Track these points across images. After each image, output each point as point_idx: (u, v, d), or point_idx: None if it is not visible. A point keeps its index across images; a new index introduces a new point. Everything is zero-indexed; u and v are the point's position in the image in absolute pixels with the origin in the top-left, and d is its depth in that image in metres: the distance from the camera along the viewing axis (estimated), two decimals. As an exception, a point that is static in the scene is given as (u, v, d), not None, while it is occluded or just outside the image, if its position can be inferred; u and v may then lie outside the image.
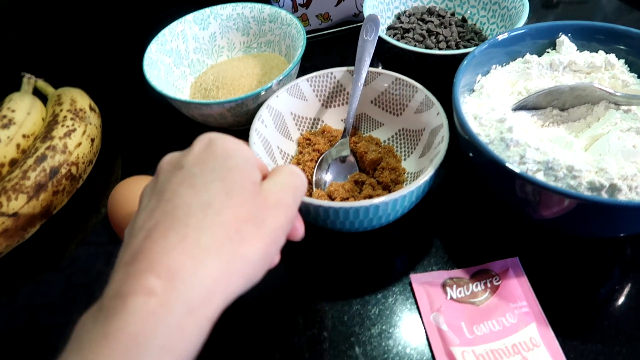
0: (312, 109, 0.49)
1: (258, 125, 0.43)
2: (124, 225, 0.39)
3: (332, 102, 0.50)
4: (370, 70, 0.47)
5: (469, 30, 0.56)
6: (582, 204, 0.33)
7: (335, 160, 0.46)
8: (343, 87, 0.49)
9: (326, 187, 0.44)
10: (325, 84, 0.48)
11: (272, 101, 0.45)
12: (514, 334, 0.36)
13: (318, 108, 0.49)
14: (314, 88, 0.48)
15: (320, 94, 0.49)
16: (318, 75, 0.47)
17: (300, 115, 0.48)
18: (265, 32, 0.56)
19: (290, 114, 0.47)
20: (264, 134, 0.44)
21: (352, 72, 0.48)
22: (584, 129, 0.42)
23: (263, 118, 0.44)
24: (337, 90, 0.49)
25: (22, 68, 0.54)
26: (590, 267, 0.40)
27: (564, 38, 0.44)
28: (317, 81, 0.48)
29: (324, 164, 0.45)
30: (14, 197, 0.41)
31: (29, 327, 0.40)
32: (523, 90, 0.43)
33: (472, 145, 0.37)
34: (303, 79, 0.47)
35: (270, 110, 0.45)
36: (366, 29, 0.48)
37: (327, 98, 0.49)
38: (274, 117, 0.45)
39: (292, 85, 0.46)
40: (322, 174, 0.45)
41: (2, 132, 0.45)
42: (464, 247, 0.42)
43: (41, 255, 0.45)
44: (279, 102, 0.46)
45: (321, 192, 0.43)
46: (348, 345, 0.37)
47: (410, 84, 0.46)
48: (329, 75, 0.48)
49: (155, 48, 0.51)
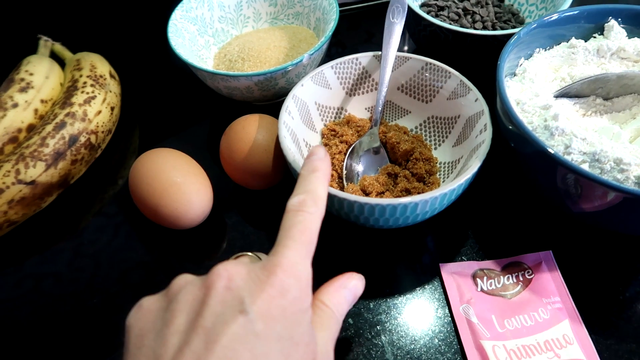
0: (337, 97, 0.46)
1: (285, 117, 0.40)
2: (145, 200, 0.38)
3: (357, 90, 0.47)
4: (398, 54, 0.44)
5: (507, 10, 0.54)
6: (629, 198, 0.31)
7: (366, 152, 0.43)
8: (369, 73, 0.46)
9: (358, 180, 0.42)
10: (350, 70, 0.45)
11: (297, 90, 0.42)
12: (546, 330, 0.35)
13: (342, 97, 0.47)
14: (338, 75, 0.45)
15: (344, 81, 0.46)
16: (343, 61, 0.45)
17: (324, 105, 0.45)
18: (294, 3, 0.54)
19: (315, 104, 0.45)
20: (291, 127, 0.41)
21: (378, 58, 0.45)
22: (628, 120, 0.40)
23: (290, 109, 0.41)
24: (363, 77, 0.46)
25: (38, 30, 0.52)
26: (626, 264, 0.38)
27: (613, 23, 0.42)
28: (342, 68, 0.45)
29: (355, 156, 0.43)
30: (32, 165, 0.40)
31: (34, 295, 0.39)
32: (567, 77, 0.41)
33: (516, 132, 0.35)
34: (327, 65, 0.44)
35: (296, 101, 0.42)
36: (392, 11, 0.45)
37: (351, 86, 0.46)
38: (299, 107, 0.42)
39: (317, 72, 0.43)
40: (353, 166, 0.43)
41: (20, 95, 0.43)
42: (496, 238, 0.40)
43: (56, 225, 0.44)
44: (304, 92, 0.43)
45: (354, 186, 0.40)
46: (374, 334, 0.36)
47: (443, 68, 0.43)
48: (354, 62, 0.45)
49: (180, 15, 0.49)
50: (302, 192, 0.26)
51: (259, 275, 0.23)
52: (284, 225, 0.25)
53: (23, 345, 0.37)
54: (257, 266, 0.24)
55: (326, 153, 0.29)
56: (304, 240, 0.25)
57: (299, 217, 0.25)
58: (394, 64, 0.45)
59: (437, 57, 0.45)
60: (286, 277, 0.23)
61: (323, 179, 0.28)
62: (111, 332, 0.37)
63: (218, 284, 0.23)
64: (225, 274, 0.23)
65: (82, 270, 0.41)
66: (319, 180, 0.27)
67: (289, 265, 0.23)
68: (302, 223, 0.25)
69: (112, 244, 0.42)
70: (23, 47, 0.51)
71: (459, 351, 0.35)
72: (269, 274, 0.23)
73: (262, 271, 0.23)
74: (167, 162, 0.39)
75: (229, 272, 0.23)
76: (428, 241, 0.41)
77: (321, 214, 0.26)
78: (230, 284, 0.23)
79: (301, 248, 0.24)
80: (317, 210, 0.26)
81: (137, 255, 0.41)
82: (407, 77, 0.46)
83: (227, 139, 0.41)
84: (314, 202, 0.26)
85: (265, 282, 0.22)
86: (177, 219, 0.38)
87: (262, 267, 0.23)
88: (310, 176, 0.27)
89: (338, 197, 0.34)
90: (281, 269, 0.23)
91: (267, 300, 0.22)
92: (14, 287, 0.40)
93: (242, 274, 0.23)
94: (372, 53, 0.45)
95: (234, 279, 0.23)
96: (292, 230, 0.25)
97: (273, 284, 0.22)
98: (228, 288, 0.22)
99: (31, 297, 0.39)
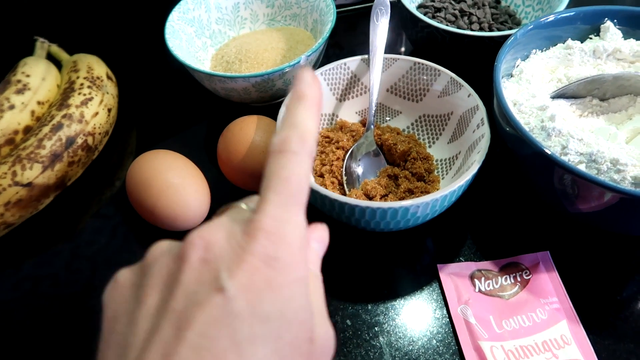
0: (328, 104, 0.46)
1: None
2: (142, 202, 0.38)
3: (347, 95, 0.47)
4: (386, 56, 0.44)
5: (503, 12, 0.54)
6: (626, 198, 0.31)
7: (364, 156, 0.43)
8: (358, 77, 0.46)
9: (359, 185, 0.42)
10: (339, 76, 0.45)
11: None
12: (544, 331, 0.35)
13: (334, 103, 0.46)
14: (328, 82, 0.45)
15: (334, 87, 0.46)
16: (332, 67, 0.44)
17: None
18: (291, 5, 0.54)
19: None
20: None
21: (366, 61, 0.45)
22: (624, 120, 0.40)
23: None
24: (352, 81, 0.46)
25: (34, 32, 0.52)
26: (623, 264, 0.39)
27: (609, 24, 0.42)
28: (331, 74, 0.45)
29: (354, 161, 0.43)
30: (29, 167, 0.40)
31: (32, 296, 0.39)
32: (563, 78, 0.41)
33: (513, 133, 0.35)
34: (317, 73, 0.44)
35: None
36: (376, 13, 0.45)
37: (341, 91, 0.46)
38: None
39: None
40: (352, 171, 0.43)
41: (17, 97, 0.43)
42: (493, 239, 0.40)
43: (53, 227, 0.44)
44: None
45: (357, 191, 0.40)
46: (372, 335, 0.36)
47: (432, 67, 0.43)
48: (343, 67, 0.45)
49: (177, 16, 0.49)
50: (286, 127, 0.21)
51: (240, 242, 0.19)
52: (266, 172, 0.21)
53: (21, 346, 0.37)
54: (238, 229, 0.19)
55: (315, 76, 0.23)
56: (290, 190, 0.20)
57: (283, 159, 0.20)
58: (383, 66, 0.45)
59: (434, 58, 0.45)
60: (271, 241, 0.19)
61: (311, 108, 0.22)
62: (108, 335, 0.37)
63: (192, 256, 0.19)
64: (200, 243, 0.19)
65: (80, 272, 0.40)
66: (307, 110, 0.22)
67: (274, 226, 0.19)
68: (286, 168, 0.20)
69: (109, 246, 0.42)
70: (20, 48, 0.51)
71: (457, 352, 0.34)
72: (249, 239, 0.19)
73: (242, 236, 0.19)
74: (164, 163, 0.39)
75: (205, 239, 0.19)
76: (426, 242, 0.41)
77: (310, 152, 0.21)
78: (206, 255, 0.19)
79: (287, 201, 0.20)
80: (305, 148, 0.21)
81: (134, 257, 0.41)
82: (397, 78, 0.46)
83: (224, 141, 0.41)
84: (300, 139, 0.21)
85: (246, 250, 0.18)
86: (174, 220, 0.38)
87: (243, 230, 0.19)
88: (296, 105, 0.22)
89: (339, 201, 0.34)
90: (264, 232, 0.19)
91: (249, 272, 0.18)
92: (12, 289, 0.40)
93: (220, 241, 0.19)
94: (360, 57, 0.45)
95: (211, 249, 0.19)
96: (274, 179, 0.20)
97: (255, 251, 0.18)
98: (203, 260, 0.19)
99: (29, 299, 0.39)
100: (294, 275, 0.19)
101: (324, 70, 0.44)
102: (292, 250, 0.19)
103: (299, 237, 0.20)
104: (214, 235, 0.19)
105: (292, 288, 0.19)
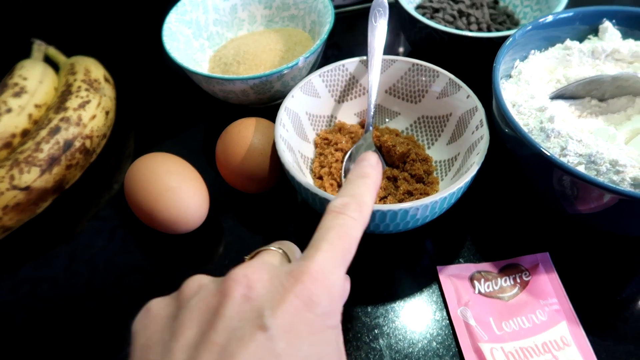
0: (326, 106, 0.46)
1: (281, 130, 0.39)
2: (141, 205, 0.38)
3: (346, 97, 0.47)
4: (384, 57, 0.44)
5: (501, 12, 0.54)
6: (625, 200, 0.31)
7: None
8: (356, 79, 0.46)
9: None
10: (337, 77, 0.45)
11: (288, 102, 0.41)
12: (544, 332, 0.35)
13: (332, 105, 0.46)
14: (326, 83, 0.45)
15: (333, 89, 0.45)
16: (330, 69, 0.44)
17: (314, 114, 0.45)
18: (289, 6, 0.53)
19: (306, 114, 0.44)
20: (287, 140, 0.40)
21: (365, 63, 0.45)
22: (623, 121, 0.40)
23: (284, 122, 0.40)
24: (351, 83, 0.46)
25: (31, 34, 0.52)
26: (623, 265, 0.39)
27: (608, 24, 0.42)
28: (329, 75, 0.44)
29: (353, 163, 0.42)
30: (27, 170, 0.40)
31: (30, 300, 0.39)
32: (562, 78, 0.41)
33: (512, 134, 0.35)
34: (315, 74, 0.43)
35: (289, 113, 0.41)
36: (374, 14, 0.44)
37: (340, 93, 0.46)
38: (292, 119, 0.42)
39: (306, 82, 0.43)
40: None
41: (14, 100, 0.43)
42: (493, 240, 0.40)
43: (51, 230, 0.44)
44: (295, 103, 0.42)
45: None
46: (372, 337, 0.36)
47: (430, 68, 0.43)
48: (341, 68, 0.45)
49: (175, 18, 0.49)
50: (347, 195, 0.23)
51: (284, 283, 0.19)
52: (322, 226, 0.22)
53: (19, 350, 0.36)
54: (282, 271, 0.20)
55: (379, 161, 0.26)
56: (342, 247, 0.21)
57: (340, 220, 0.22)
58: (381, 67, 0.45)
59: (433, 59, 0.45)
60: (316, 286, 0.19)
61: (372, 187, 0.25)
62: (108, 337, 0.37)
63: (235, 292, 0.19)
64: (244, 281, 0.20)
65: (78, 275, 0.40)
66: (367, 187, 0.24)
67: (320, 273, 0.20)
68: (343, 227, 0.22)
69: (107, 249, 0.42)
70: (16, 51, 0.51)
71: (457, 354, 0.34)
72: (295, 281, 0.19)
73: (287, 277, 0.20)
74: (162, 166, 0.39)
75: (249, 277, 0.20)
76: (425, 244, 0.41)
77: (365, 222, 0.23)
78: (250, 293, 0.19)
79: (337, 254, 0.21)
80: (361, 217, 0.23)
81: (133, 259, 0.41)
82: (395, 80, 0.46)
83: (223, 143, 0.41)
84: (358, 207, 0.23)
85: (290, 291, 0.19)
86: (173, 223, 0.38)
87: (288, 272, 0.20)
88: (358, 181, 0.24)
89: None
90: (310, 277, 0.19)
91: (291, 313, 0.19)
92: (10, 292, 0.40)
93: (263, 280, 0.20)
94: (359, 58, 0.45)
95: (254, 287, 0.19)
96: (330, 233, 0.21)
97: (299, 293, 0.19)
98: (246, 297, 0.19)
99: (27, 302, 0.39)
100: (332, 322, 0.20)
101: (322, 71, 0.44)
102: (333, 299, 0.20)
103: (339, 289, 0.21)
104: (258, 274, 0.20)
105: (329, 334, 0.20)
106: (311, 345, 0.19)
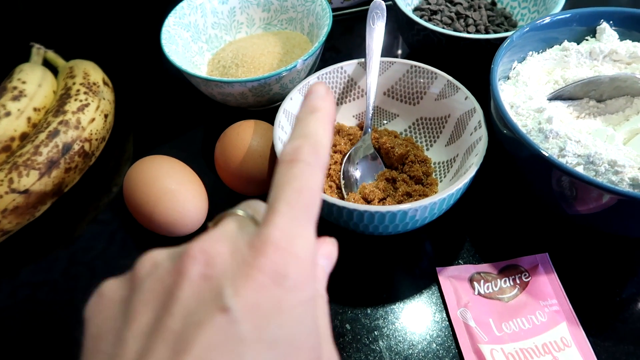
0: None
1: (280, 133, 0.39)
2: (140, 208, 0.38)
3: (344, 99, 0.47)
4: (382, 59, 0.44)
5: (499, 14, 0.54)
6: (624, 200, 0.31)
7: (362, 159, 0.43)
8: (354, 81, 0.46)
9: (357, 188, 0.42)
10: (336, 79, 0.45)
11: (287, 105, 0.41)
12: (544, 333, 0.35)
13: None
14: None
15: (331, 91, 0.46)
16: (328, 71, 0.44)
17: None
18: (287, 9, 0.54)
19: None
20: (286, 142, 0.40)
21: (363, 65, 0.45)
22: (621, 121, 0.40)
23: (282, 124, 0.40)
24: (349, 85, 0.46)
25: (30, 38, 0.52)
26: (622, 265, 0.39)
27: (605, 25, 0.42)
28: (328, 77, 0.45)
29: (351, 165, 0.43)
30: (25, 174, 0.40)
31: (29, 303, 0.39)
32: (560, 79, 0.41)
33: (510, 135, 0.35)
34: (314, 76, 0.44)
35: (287, 115, 0.41)
36: (372, 17, 0.45)
37: (338, 95, 0.46)
38: (290, 121, 0.42)
39: (304, 84, 0.43)
40: (350, 175, 0.42)
41: (13, 104, 0.43)
42: (492, 241, 0.40)
43: (50, 233, 0.44)
44: (294, 105, 0.42)
45: (355, 195, 0.40)
46: (371, 339, 0.35)
47: (429, 70, 0.43)
48: (340, 70, 0.45)
49: (174, 21, 0.49)
50: (297, 137, 0.20)
51: (245, 256, 0.17)
52: (276, 182, 0.19)
53: (19, 354, 0.36)
54: (244, 241, 0.18)
55: (328, 89, 0.22)
56: (302, 203, 0.18)
57: (295, 169, 0.19)
58: (379, 69, 0.45)
59: (431, 61, 0.45)
60: (280, 256, 0.17)
61: (325, 121, 0.21)
62: (107, 342, 0.36)
63: (192, 271, 0.17)
64: (202, 257, 0.17)
65: (78, 278, 0.40)
66: (320, 122, 0.20)
67: (283, 240, 0.17)
68: (299, 179, 0.18)
69: (107, 252, 0.42)
70: (15, 55, 0.51)
71: (457, 355, 0.34)
72: (256, 253, 0.17)
73: (249, 250, 0.17)
74: (161, 169, 0.39)
75: (207, 252, 0.17)
76: (425, 245, 0.41)
77: (323, 164, 0.20)
78: (208, 270, 0.17)
79: (298, 213, 0.18)
80: (318, 159, 0.19)
81: (132, 262, 0.41)
82: (393, 81, 0.46)
83: (222, 145, 0.41)
84: (313, 149, 0.19)
85: (252, 266, 0.16)
86: (172, 226, 0.38)
87: (249, 243, 0.17)
88: (309, 117, 0.21)
89: (337, 205, 0.33)
90: (272, 246, 0.17)
91: (255, 291, 0.16)
92: (9, 296, 0.40)
93: (223, 254, 0.17)
94: (357, 60, 0.45)
95: (213, 263, 0.17)
96: (286, 189, 0.18)
97: (263, 267, 0.16)
98: (204, 275, 0.17)
99: (27, 306, 0.39)
100: (303, 296, 0.17)
101: (321, 74, 0.44)
102: (303, 268, 0.17)
103: (309, 254, 0.18)
104: (216, 248, 0.18)
105: (301, 310, 0.17)
106: (281, 326, 0.16)
